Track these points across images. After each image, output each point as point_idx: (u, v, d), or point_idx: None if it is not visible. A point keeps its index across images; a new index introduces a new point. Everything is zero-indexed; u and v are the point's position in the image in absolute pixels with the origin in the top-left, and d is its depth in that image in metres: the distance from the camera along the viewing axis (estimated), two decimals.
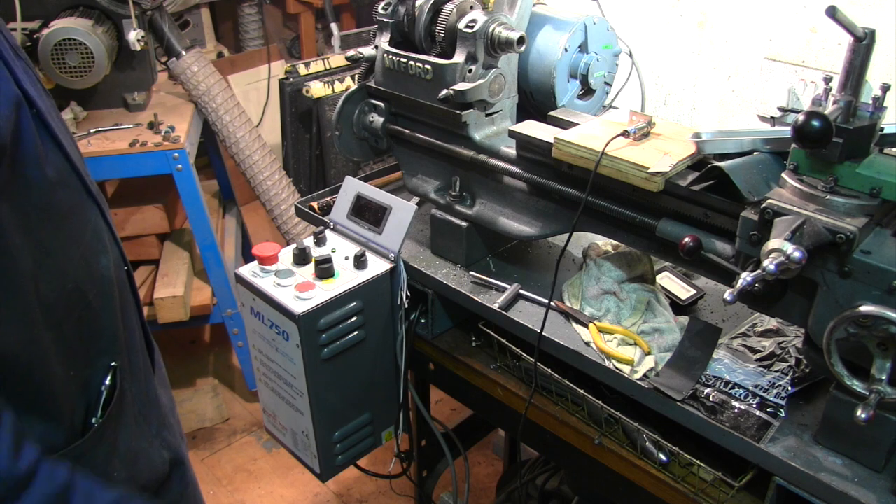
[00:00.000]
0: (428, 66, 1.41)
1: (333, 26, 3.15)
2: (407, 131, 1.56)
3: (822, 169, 1.01)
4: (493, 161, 1.42)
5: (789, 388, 1.18)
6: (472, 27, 1.33)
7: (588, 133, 1.26)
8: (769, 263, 0.92)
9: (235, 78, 3.19)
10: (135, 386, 1.09)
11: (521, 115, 1.48)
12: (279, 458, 2.77)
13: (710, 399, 1.17)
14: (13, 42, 0.95)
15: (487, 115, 1.44)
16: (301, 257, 1.44)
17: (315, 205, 1.74)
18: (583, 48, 1.45)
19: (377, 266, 1.43)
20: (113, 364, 1.06)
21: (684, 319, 1.34)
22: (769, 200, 1.00)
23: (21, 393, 0.93)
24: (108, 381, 1.04)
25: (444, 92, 1.37)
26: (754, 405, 1.15)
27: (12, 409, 0.86)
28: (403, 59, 1.45)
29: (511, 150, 1.39)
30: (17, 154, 0.88)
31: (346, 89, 1.68)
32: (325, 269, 1.39)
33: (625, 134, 1.22)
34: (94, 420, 1.02)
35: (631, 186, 1.18)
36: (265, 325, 1.42)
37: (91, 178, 1.08)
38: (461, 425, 2.12)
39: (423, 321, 1.55)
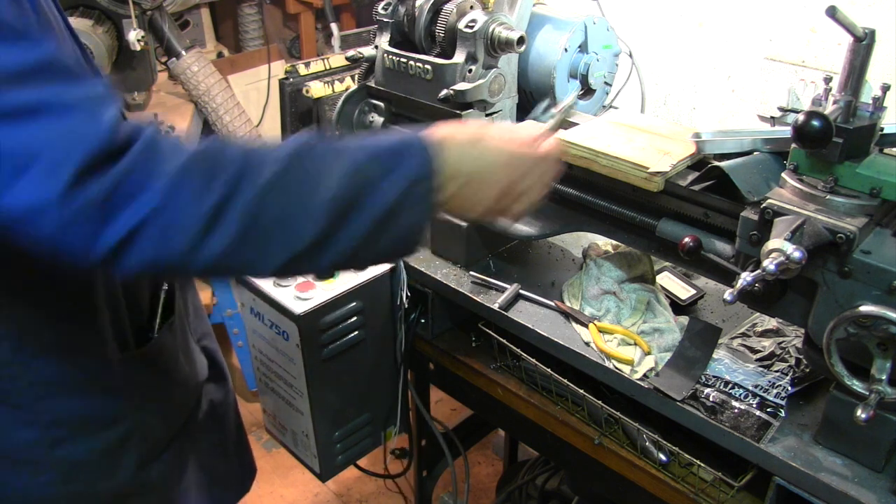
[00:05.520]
0: (428, 66, 1.41)
1: (333, 26, 3.14)
2: None
3: (822, 169, 1.01)
4: None
5: (789, 388, 1.18)
6: (472, 27, 1.33)
7: (588, 133, 1.26)
8: (769, 263, 0.92)
9: (235, 78, 3.18)
10: (182, 294, 1.16)
11: (521, 115, 1.48)
12: (279, 458, 2.77)
13: (710, 399, 1.17)
14: None
15: (487, 116, 1.44)
16: None
17: None
18: (583, 48, 1.45)
19: (377, 266, 1.43)
20: None
21: (684, 319, 1.34)
22: (769, 200, 1.00)
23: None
24: (165, 286, 1.09)
25: (444, 92, 1.36)
26: (754, 405, 1.15)
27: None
28: (403, 59, 1.45)
29: None
30: None
31: (346, 89, 1.67)
32: None
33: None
34: (156, 321, 1.07)
35: (631, 186, 1.18)
36: (265, 325, 1.42)
37: None
38: (461, 425, 2.12)
39: (422, 321, 1.55)
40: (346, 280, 1.39)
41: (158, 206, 0.71)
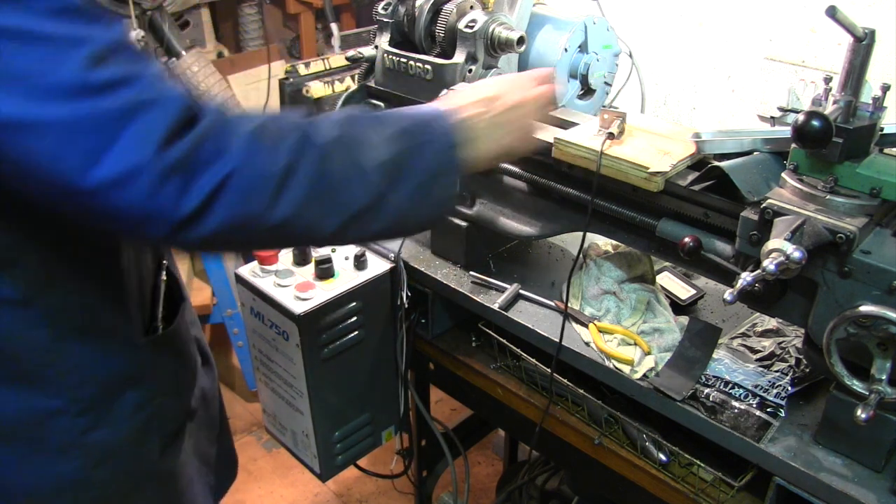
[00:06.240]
0: (428, 66, 1.41)
1: (333, 26, 3.14)
2: None
3: (822, 169, 1.01)
4: None
5: (789, 388, 1.18)
6: (472, 27, 1.33)
7: (588, 133, 1.26)
8: (769, 263, 0.92)
9: (235, 78, 3.18)
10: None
11: None
12: (279, 458, 2.77)
13: (710, 399, 1.17)
14: None
15: None
16: (301, 257, 1.44)
17: None
18: (583, 48, 1.45)
19: (377, 266, 1.43)
20: (165, 262, 1.13)
21: (684, 319, 1.34)
22: (769, 200, 1.00)
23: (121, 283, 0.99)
24: (164, 277, 1.11)
25: (444, 92, 1.36)
26: (754, 405, 1.15)
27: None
28: (403, 59, 1.45)
29: None
30: None
31: (346, 89, 1.68)
32: (325, 270, 1.39)
33: (611, 136, 1.21)
34: (159, 311, 1.08)
35: (631, 186, 1.18)
36: (265, 325, 1.42)
37: None
38: (461, 425, 2.12)
39: (423, 321, 1.55)
40: (346, 280, 1.39)
41: (238, 165, 0.77)
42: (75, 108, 0.71)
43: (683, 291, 1.43)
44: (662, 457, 1.23)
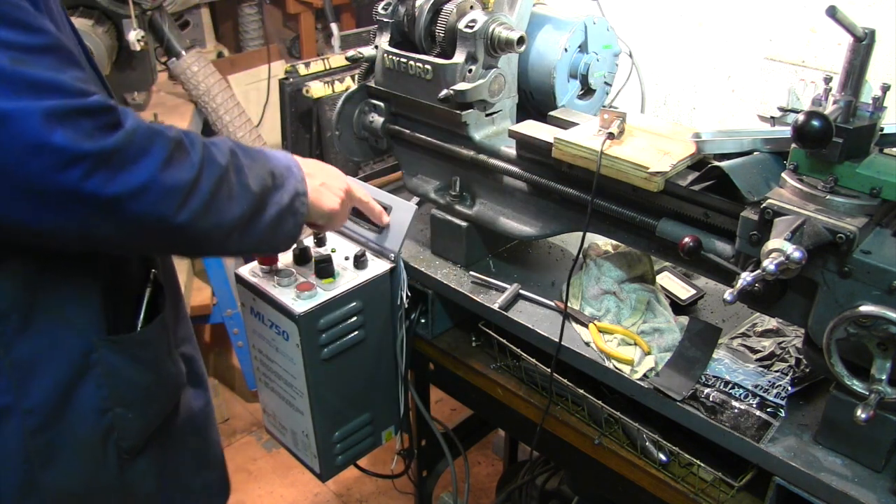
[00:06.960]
0: (428, 66, 1.41)
1: (333, 26, 3.14)
2: (407, 131, 1.56)
3: (822, 169, 1.01)
4: (493, 161, 1.42)
5: (789, 388, 1.18)
6: (472, 27, 1.33)
7: (588, 133, 1.26)
8: (769, 263, 0.92)
9: (235, 78, 3.18)
10: (169, 296, 1.20)
11: (521, 115, 1.48)
12: (279, 458, 2.77)
13: (710, 399, 1.17)
14: None
15: (487, 115, 1.44)
16: (301, 257, 1.44)
17: None
18: (583, 48, 1.45)
19: (377, 266, 1.43)
20: (154, 271, 1.16)
21: (684, 319, 1.34)
22: (769, 200, 1.00)
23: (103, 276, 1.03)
24: (149, 288, 1.15)
25: (444, 92, 1.37)
26: (754, 405, 1.15)
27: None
28: (403, 59, 1.45)
29: (511, 150, 1.39)
30: None
31: (346, 89, 1.67)
32: (325, 269, 1.39)
33: (611, 136, 1.21)
34: (139, 319, 1.11)
35: (631, 186, 1.18)
36: (265, 325, 1.42)
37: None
38: (461, 425, 2.12)
39: (423, 321, 1.55)
40: (346, 280, 1.39)
41: (157, 172, 0.88)
42: (8, 102, 0.78)
43: (683, 291, 1.43)
44: (662, 457, 1.23)
